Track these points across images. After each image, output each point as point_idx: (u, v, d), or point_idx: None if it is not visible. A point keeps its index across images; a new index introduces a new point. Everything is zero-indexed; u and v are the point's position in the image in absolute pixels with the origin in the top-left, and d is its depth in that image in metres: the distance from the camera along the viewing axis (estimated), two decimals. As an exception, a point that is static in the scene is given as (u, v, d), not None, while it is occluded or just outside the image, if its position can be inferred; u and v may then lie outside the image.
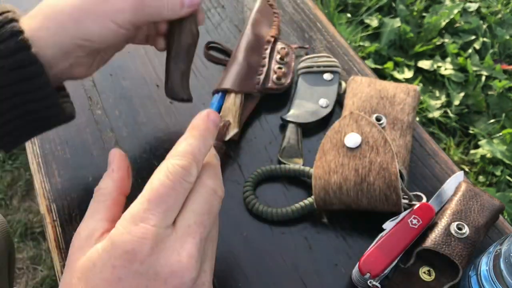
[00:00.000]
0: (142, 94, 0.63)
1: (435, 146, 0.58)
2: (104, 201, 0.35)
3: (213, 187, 0.34)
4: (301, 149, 0.56)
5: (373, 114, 0.55)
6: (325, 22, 0.70)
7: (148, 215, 0.30)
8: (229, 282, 0.48)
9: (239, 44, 0.64)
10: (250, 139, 0.58)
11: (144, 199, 0.31)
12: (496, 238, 0.51)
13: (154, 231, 0.30)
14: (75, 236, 0.34)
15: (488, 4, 1.75)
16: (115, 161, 0.37)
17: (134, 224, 0.30)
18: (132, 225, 0.30)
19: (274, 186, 0.54)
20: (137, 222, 0.30)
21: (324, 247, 0.50)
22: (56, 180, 0.55)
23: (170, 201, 0.31)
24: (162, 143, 0.58)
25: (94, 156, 0.57)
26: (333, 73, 0.61)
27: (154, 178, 0.33)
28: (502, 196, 1.25)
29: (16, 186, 1.43)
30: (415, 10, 1.70)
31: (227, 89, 0.58)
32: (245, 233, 0.51)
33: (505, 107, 1.47)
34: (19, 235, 1.32)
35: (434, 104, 1.48)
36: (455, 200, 0.49)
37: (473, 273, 0.44)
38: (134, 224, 0.30)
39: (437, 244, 0.45)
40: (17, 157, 1.47)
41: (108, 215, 0.34)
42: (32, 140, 0.58)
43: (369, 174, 0.49)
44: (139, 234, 0.30)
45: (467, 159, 1.41)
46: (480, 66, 1.55)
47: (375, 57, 1.59)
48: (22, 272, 1.27)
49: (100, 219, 0.34)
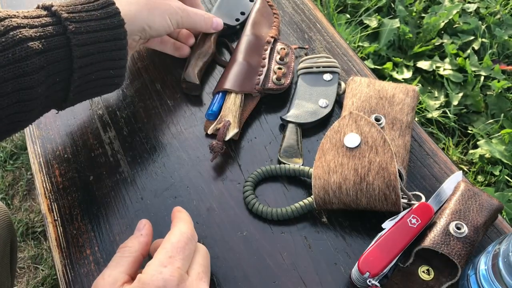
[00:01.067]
0: (142, 94, 0.63)
1: (434, 146, 0.58)
2: (128, 257, 0.43)
3: (205, 249, 0.45)
4: (300, 149, 0.57)
5: (372, 114, 0.55)
6: (324, 23, 0.71)
7: (173, 260, 0.40)
8: (229, 281, 0.48)
9: (239, 44, 0.64)
10: (250, 139, 0.59)
11: (168, 250, 0.41)
12: (495, 237, 0.51)
13: (179, 272, 0.39)
14: (99, 280, 0.41)
15: (487, 5, 1.75)
16: (144, 229, 0.46)
17: (163, 267, 0.39)
18: (161, 268, 0.39)
19: (274, 186, 0.55)
20: (165, 265, 0.39)
21: (324, 247, 0.50)
22: (57, 179, 0.55)
23: (186, 252, 0.41)
24: (162, 142, 0.58)
25: (95, 156, 0.57)
26: (332, 73, 0.62)
27: (171, 237, 0.42)
28: (501, 195, 1.25)
29: (17, 186, 1.43)
30: (414, 11, 1.70)
31: (227, 89, 0.59)
32: (245, 233, 0.51)
33: (504, 107, 1.48)
34: (20, 234, 1.32)
35: (433, 104, 1.48)
36: (454, 199, 0.49)
37: (472, 273, 0.44)
38: (163, 266, 0.39)
39: (436, 243, 0.45)
40: (18, 157, 1.48)
41: (128, 270, 0.42)
42: (33, 140, 0.58)
43: (369, 173, 0.49)
44: (169, 273, 0.39)
45: (466, 159, 1.41)
46: (478, 67, 1.55)
47: (374, 58, 1.59)
48: (23, 272, 1.27)
49: (122, 272, 0.41)
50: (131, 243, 0.44)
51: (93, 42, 0.48)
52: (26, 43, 0.43)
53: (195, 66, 0.62)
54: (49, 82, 0.46)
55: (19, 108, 0.44)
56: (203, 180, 0.55)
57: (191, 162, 0.56)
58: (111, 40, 0.49)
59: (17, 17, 0.44)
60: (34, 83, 0.44)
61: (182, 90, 0.63)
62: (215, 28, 0.63)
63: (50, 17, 0.47)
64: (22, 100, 0.44)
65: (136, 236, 0.45)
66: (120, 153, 0.57)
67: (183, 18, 0.58)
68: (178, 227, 0.43)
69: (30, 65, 0.43)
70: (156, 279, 0.38)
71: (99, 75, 0.50)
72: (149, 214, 0.52)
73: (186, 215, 0.46)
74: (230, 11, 0.69)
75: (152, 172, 0.56)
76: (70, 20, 0.46)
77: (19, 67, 0.43)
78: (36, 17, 0.46)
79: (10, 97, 0.43)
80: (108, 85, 0.52)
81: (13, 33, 0.43)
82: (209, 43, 0.64)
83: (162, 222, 0.52)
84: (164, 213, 0.52)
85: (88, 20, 0.47)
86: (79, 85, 0.49)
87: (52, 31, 0.45)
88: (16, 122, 0.46)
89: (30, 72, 0.43)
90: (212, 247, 0.50)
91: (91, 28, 0.47)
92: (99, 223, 0.52)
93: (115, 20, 0.49)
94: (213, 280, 0.48)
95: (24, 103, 0.44)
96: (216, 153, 0.55)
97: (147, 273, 0.39)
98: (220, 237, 0.51)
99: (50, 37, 0.45)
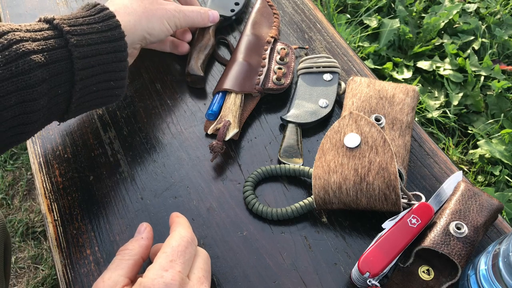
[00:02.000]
0: (142, 94, 0.63)
1: (434, 146, 0.58)
2: (127, 260, 0.43)
3: (206, 253, 0.45)
4: (301, 149, 0.57)
5: (372, 114, 0.55)
6: (324, 23, 0.71)
7: (173, 264, 0.40)
8: (229, 281, 0.48)
9: (239, 44, 0.64)
10: (250, 139, 0.59)
11: (168, 254, 0.40)
12: (495, 237, 0.51)
13: (180, 276, 0.39)
14: (99, 282, 0.41)
15: (487, 5, 1.75)
16: (145, 232, 0.46)
17: (164, 270, 0.39)
18: (162, 271, 0.39)
19: (274, 186, 0.55)
20: (166, 269, 0.39)
21: (324, 247, 0.50)
22: (57, 179, 0.55)
23: (186, 256, 0.41)
24: (162, 142, 0.58)
25: (95, 156, 0.57)
26: (332, 73, 0.62)
27: (171, 241, 0.42)
28: (501, 195, 1.25)
29: (17, 186, 1.43)
30: (414, 11, 1.70)
31: (227, 89, 0.59)
32: (245, 233, 0.51)
33: (504, 107, 1.48)
34: (20, 234, 1.32)
35: (433, 104, 1.48)
36: (454, 199, 0.49)
37: (472, 273, 0.44)
38: (164, 270, 0.39)
39: (436, 243, 0.45)
40: (18, 157, 1.48)
41: (128, 273, 0.42)
42: (33, 140, 0.58)
43: (369, 173, 0.49)
44: (170, 277, 0.39)
45: (466, 159, 1.41)
46: (479, 67, 1.55)
47: (375, 58, 1.59)
48: (23, 272, 1.27)
49: (122, 275, 0.41)
50: (132, 246, 0.44)
51: (94, 54, 0.48)
52: (29, 56, 0.44)
53: (197, 59, 0.63)
54: (51, 94, 0.46)
55: (22, 120, 0.45)
56: (203, 180, 0.55)
57: (191, 162, 0.56)
58: (111, 52, 0.50)
59: (20, 30, 0.45)
60: (36, 96, 0.44)
61: (182, 90, 0.63)
62: (212, 21, 0.65)
63: (52, 30, 0.47)
64: (25, 112, 0.44)
65: (137, 239, 0.45)
66: (120, 153, 0.57)
67: (181, 20, 0.60)
68: (177, 231, 0.43)
69: (33, 78, 0.44)
70: (158, 283, 0.38)
71: (100, 87, 0.50)
72: (149, 214, 0.52)
73: (184, 220, 0.46)
74: (225, 2, 0.71)
75: (152, 172, 0.56)
76: (72, 33, 0.47)
77: (22, 80, 0.43)
78: (38, 30, 0.46)
79: (13, 109, 0.43)
80: (109, 96, 0.52)
81: (16, 47, 0.43)
82: (208, 35, 0.65)
83: (162, 222, 0.52)
84: (164, 213, 0.52)
85: (89, 33, 0.48)
86: (81, 97, 0.49)
87: (54, 44, 0.46)
88: (18, 134, 0.46)
89: (32, 84, 0.44)
90: (212, 247, 0.50)
91: (92, 41, 0.48)
92: (99, 223, 0.52)
93: (116, 32, 0.50)
94: (213, 280, 0.48)
95: (27, 115, 0.45)
96: (216, 153, 0.55)
97: (148, 277, 0.39)
98: (220, 237, 0.51)
99: (52, 50, 0.46)
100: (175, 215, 0.47)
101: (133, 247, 0.44)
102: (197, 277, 0.41)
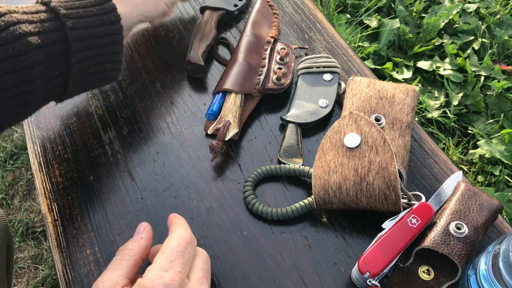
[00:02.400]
0: (142, 94, 0.63)
1: (434, 146, 0.58)
2: (127, 260, 0.42)
3: (206, 254, 0.45)
4: (301, 149, 0.57)
5: (372, 114, 0.55)
6: (324, 23, 0.71)
7: (173, 264, 0.40)
8: (229, 281, 0.48)
9: (239, 44, 0.64)
10: (250, 139, 0.59)
11: (167, 255, 0.40)
12: (495, 237, 0.51)
13: (179, 276, 0.39)
14: (98, 282, 0.40)
15: (487, 5, 1.75)
16: (145, 232, 0.46)
17: (164, 271, 0.39)
18: (162, 272, 0.39)
19: (274, 186, 0.55)
20: (166, 269, 0.39)
21: (324, 247, 0.50)
22: (57, 179, 0.55)
23: (186, 256, 0.41)
24: (162, 142, 0.58)
25: (95, 156, 0.57)
26: (332, 73, 0.62)
27: (170, 241, 0.42)
28: (501, 195, 1.25)
29: (17, 186, 1.43)
30: (414, 11, 1.70)
31: (227, 89, 0.59)
32: (245, 233, 0.51)
33: (504, 107, 1.48)
34: (20, 234, 1.32)
35: (433, 104, 1.48)
36: (454, 199, 0.49)
37: (472, 273, 0.44)
38: (163, 271, 0.39)
39: (436, 243, 0.45)
40: (18, 157, 1.48)
41: (128, 273, 0.41)
42: (33, 140, 0.58)
43: (369, 173, 0.49)
44: (170, 277, 0.38)
45: (466, 159, 1.41)
46: (479, 67, 1.55)
47: (375, 58, 1.59)
48: (23, 272, 1.27)
49: (121, 275, 0.41)
50: (131, 246, 0.44)
51: (90, 37, 0.49)
52: (26, 38, 0.44)
53: (198, 48, 0.64)
54: (48, 76, 0.47)
55: (19, 100, 0.45)
56: (203, 180, 0.55)
57: (191, 162, 0.56)
58: (107, 35, 0.51)
59: (17, 12, 0.46)
60: (33, 76, 0.45)
61: (182, 90, 0.63)
62: None
63: (48, 12, 0.48)
64: (22, 93, 0.45)
65: (136, 239, 0.45)
66: (120, 153, 0.57)
67: None
68: (176, 231, 0.43)
69: (30, 59, 0.44)
70: (157, 283, 0.38)
71: (96, 69, 0.51)
72: (149, 214, 0.52)
73: (183, 221, 0.46)
74: None
75: (152, 172, 0.56)
76: (68, 16, 0.48)
77: (19, 61, 0.44)
78: (35, 12, 0.47)
79: (10, 90, 0.44)
80: (105, 78, 0.54)
81: (13, 28, 0.44)
82: (210, 26, 0.67)
83: (162, 222, 0.52)
84: (164, 213, 0.52)
85: (85, 16, 0.49)
86: (77, 78, 0.50)
87: (50, 27, 0.47)
88: (17, 114, 0.47)
89: (29, 65, 0.44)
90: (212, 247, 0.50)
91: (88, 24, 0.49)
92: (99, 223, 0.52)
93: (112, 16, 0.51)
94: (213, 280, 0.48)
95: (24, 95, 0.45)
96: (216, 153, 0.55)
97: (148, 278, 0.39)
98: (220, 237, 0.51)
99: (49, 32, 0.46)
100: (174, 216, 0.47)
101: (133, 247, 0.44)
102: (196, 277, 0.41)
